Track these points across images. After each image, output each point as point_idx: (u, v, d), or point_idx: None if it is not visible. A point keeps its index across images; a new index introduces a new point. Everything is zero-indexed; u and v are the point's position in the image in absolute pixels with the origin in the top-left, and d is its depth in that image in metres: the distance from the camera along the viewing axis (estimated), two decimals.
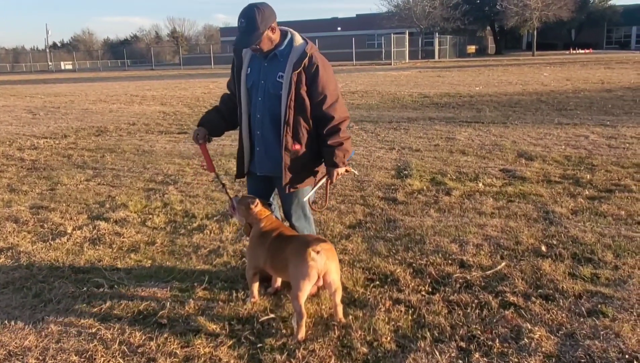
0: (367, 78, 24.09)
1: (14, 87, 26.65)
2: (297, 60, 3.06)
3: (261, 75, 3.17)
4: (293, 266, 2.87)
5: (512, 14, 47.76)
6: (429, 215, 4.87)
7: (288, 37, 3.15)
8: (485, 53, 60.45)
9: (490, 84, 18.30)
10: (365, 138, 8.91)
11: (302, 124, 3.15)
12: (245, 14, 2.99)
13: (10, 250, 4.33)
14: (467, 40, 56.86)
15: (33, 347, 2.89)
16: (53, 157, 8.16)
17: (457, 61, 42.22)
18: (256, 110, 3.22)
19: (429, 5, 48.64)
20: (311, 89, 3.10)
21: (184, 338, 2.93)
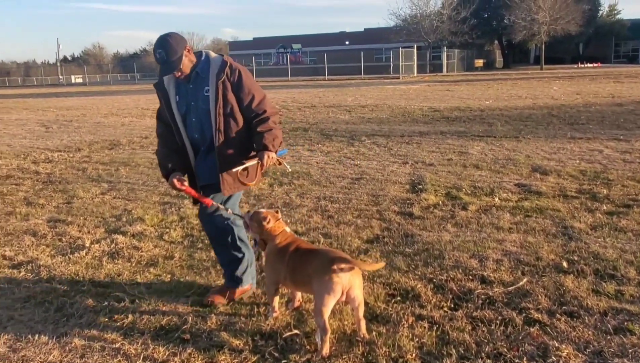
0: (376, 92, 24.16)
1: (26, 101, 26.93)
2: (219, 71, 3.27)
3: (189, 98, 3.35)
4: (317, 281, 2.86)
5: (520, 28, 47.85)
6: (446, 230, 4.86)
7: (203, 55, 3.37)
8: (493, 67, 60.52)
9: (500, 98, 18.30)
10: (377, 152, 8.92)
11: (233, 130, 3.34)
12: (160, 44, 3.19)
13: (30, 263, 4.35)
14: (474, 54, 56.97)
15: (57, 362, 2.89)
16: (68, 170, 8.21)
17: (465, 75, 42.30)
18: (193, 130, 3.39)
19: (437, 19, 48.85)
20: (238, 93, 3.31)
21: (208, 354, 2.93)
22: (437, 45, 50.27)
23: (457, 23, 47.81)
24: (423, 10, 50.43)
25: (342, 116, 14.57)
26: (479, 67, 56.31)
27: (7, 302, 3.66)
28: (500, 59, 63.66)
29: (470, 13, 48.04)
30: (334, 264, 2.82)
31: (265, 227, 3.24)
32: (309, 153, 9.04)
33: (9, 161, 9.14)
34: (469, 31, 48.35)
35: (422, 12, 50.26)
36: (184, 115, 3.36)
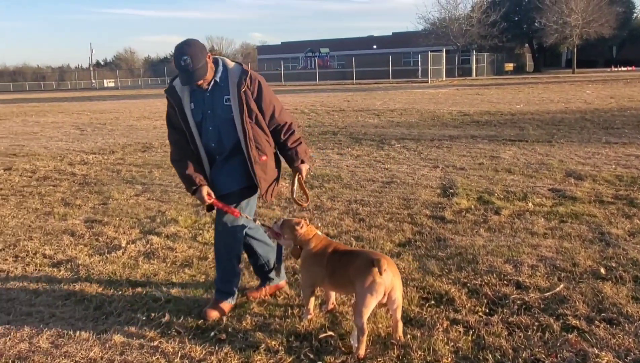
0: (405, 96, 24.07)
1: (61, 104, 27.59)
2: (239, 80, 3.24)
3: (206, 106, 3.28)
4: (360, 283, 2.87)
5: (552, 31, 47.13)
6: (479, 235, 4.82)
7: (220, 63, 3.32)
8: (524, 71, 59.70)
9: (531, 102, 18.05)
10: (408, 156, 8.88)
11: (261, 136, 3.35)
12: (185, 51, 3.10)
13: (69, 262, 4.46)
14: (504, 58, 56.29)
15: (98, 359, 2.97)
16: (103, 172, 8.40)
17: (494, 79, 41.82)
18: (209, 139, 3.33)
19: (466, 23, 48.49)
20: (260, 103, 3.31)
21: (244, 354, 2.96)
22: (466, 49, 49.83)
23: (487, 26, 47.37)
24: (452, 13, 50.17)
25: (371, 120, 14.56)
26: (508, 71, 55.61)
27: (48, 299, 3.76)
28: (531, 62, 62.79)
29: (500, 16, 47.55)
30: (376, 266, 2.83)
31: (299, 232, 3.26)
32: (338, 156, 9.06)
33: (46, 163, 9.38)
34: (499, 34, 47.85)
35: (451, 15, 49.99)
36: (199, 123, 3.30)
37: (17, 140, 12.93)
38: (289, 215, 5.62)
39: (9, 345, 3.13)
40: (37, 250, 4.78)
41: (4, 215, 5.99)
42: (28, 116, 20.76)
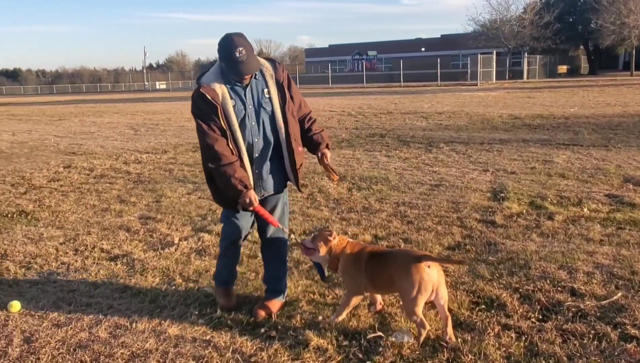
0: (453, 99, 23.73)
1: (116, 105, 28.55)
2: (275, 72, 3.28)
3: (247, 102, 3.22)
4: (408, 282, 2.89)
5: (609, 32, 45.44)
6: (531, 240, 4.71)
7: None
8: (578, 73, 57.79)
9: (586, 106, 17.48)
10: (456, 159, 8.77)
11: (296, 127, 3.40)
12: (240, 43, 3.06)
13: (125, 257, 4.62)
14: (557, 60, 54.65)
15: (153, 350, 3.07)
16: (156, 171, 8.65)
17: (547, 82, 40.68)
18: (252, 135, 3.25)
19: (518, 24, 47.35)
20: (291, 93, 3.36)
21: (294, 351, 3.00)
22: (517, 51, 48.66)
23: (540, 28, 46.10)
24: (503, 15, 49.05)
25: (419, 123, 14.43)
26: (562, 74, 53.97)
27: (106, 291, 3.91)
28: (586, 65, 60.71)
29: (554, 17, 46.19)
30: (421, 262, 2.84)
31: (332, 243, 3.25)
32: (386, 159, 9.03)
33: (102, 161, 9.73)
34: (552, 36, 46.49)
35: (502, 17, 48.89)
36: (241, 120, 3.21)
37: (76, 140, 13.46)
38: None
39: (70, 333, 3.28)
40: (95, 244, 4.98)
41: (65, 211, 6.26)
42: (85, 116, 21.58)
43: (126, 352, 3.05)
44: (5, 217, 6.04)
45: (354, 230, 5.14)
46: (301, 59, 78.14)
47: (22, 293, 3.91)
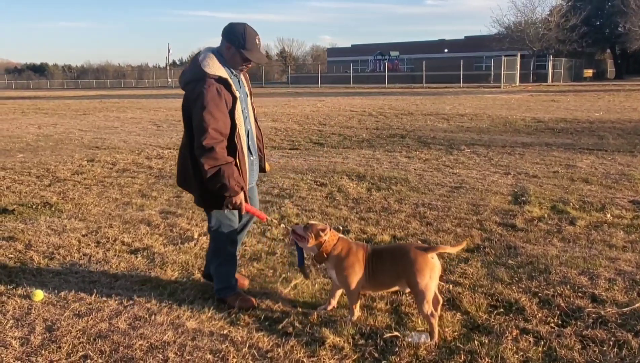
0: (476, 101, 23.53)
1: (140, 101, 28.88)
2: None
3: (242, 90, 3.42)
4: (419, 272, 3.00)
5: (637, 36, 44.66)
6: (552, 244, 4.66)
7: None
8: (604, 77, 56.89)
9: (612, 110, 17.20)
10: (477, 161, 8.70)
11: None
12: (256, 31, 3.25)
13: (145, 250, 4.68)
14: (583, 64, 53.86)
15: (171, 342, 3.10)
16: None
17: (572, 85, 40.12)
18: (249, 123, 3.51)
19: (544, 27, 46.75)
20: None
21: (310, 348, 3.01)
22: (542, 54, 48.06)
23: (566, 31, 45.48)
24: (529, 17, 48.51)
25: (440, 124, 14.35)
26: (587, 77, 53.17)
27: (126, 283, 3.97)
28: (612, 69, 59.74)
29: (581, 20, 45.53)
30: (428, 253, 3.05)
31: (323, 238, 3.25)
32: (406, 160, 8.99)
33: (125, 156, 9.86)
34: (579, 39, 45.84)
35: (527, 19, 48.34)
36: (242, 109, 3.33)
37: (100, 134, 13.66)
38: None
39: (90, 323, 3.33)
40: (117, 237, 5.05)
41: (87, 203, 6.36)
42: (109, 111, 21.87)
43: (145, 343, 3.09)
44: (30, 208, 6.16)
45: (372, 230, 5.13)
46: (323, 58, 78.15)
47: (44, 283, 3.99)
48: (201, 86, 3.10)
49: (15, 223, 5.52)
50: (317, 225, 3.29)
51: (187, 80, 3.24)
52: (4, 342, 3.13)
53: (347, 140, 11.51)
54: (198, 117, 3.08)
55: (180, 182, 3.57)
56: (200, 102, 3.08)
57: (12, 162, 9.35)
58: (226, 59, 3.27)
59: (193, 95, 3.14)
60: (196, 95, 3.10)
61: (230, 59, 3.27)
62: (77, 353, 3.00)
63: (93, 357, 2.96)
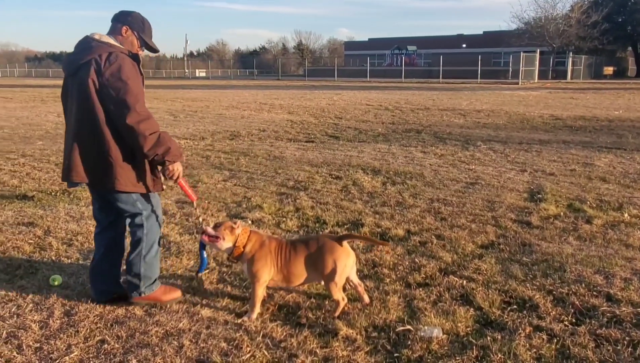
0: (493, 97, 23.34)
1: (157, 91, 29.06)
2: None
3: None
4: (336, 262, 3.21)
5: None
6: (568, 243, 4.63)
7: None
8: (625, 75, 56.02)
9: (632, 109, 16.97)
10: (493, 158, 8.65)
11: None
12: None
13: (161, 239, 4.71)
14: (603, 61, 53.09)
15: (186, 330, 3.15)
16: (193, 157, 8.80)
17: (592, 83, 39.59)
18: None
19: (564, 23, 46.14)
20: None
21: (322, 339, 3.04)
22: (561, 51, 47.46)
23: (587, 27, 44.84)
24: (549, 13, 47.89)
25: (457, 120, 14.27)
26: (607, 75, 52.42)
27: None
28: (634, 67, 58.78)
29: (602, 17, 44.85)
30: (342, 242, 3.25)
31: (236, 231, 3.26)
32: (422, 155, 8.97)
33: None
34: (600, 36, 45.17)
35: (548, 15, 47.73)
36: None
37: None
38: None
39: (108, 309, 3.39)
40: None
41: None
42: None
43: (160, 330, 3.14)
44: (49, 195, 6.26)
45: (386, 224, 5.14)
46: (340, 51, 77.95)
47: (63, 269, 4.06)
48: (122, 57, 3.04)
49: (35, 210, 5.62)
50: (227, 222, 3.32)
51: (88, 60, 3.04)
52: (23, 325, 3.20)
53: (363, 134, 11.51)
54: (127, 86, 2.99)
55: (78, 174, 3.14)
56: (123, 72, 3.00)
57: (32, 150, 9.49)
58: (121, 43, 3.18)
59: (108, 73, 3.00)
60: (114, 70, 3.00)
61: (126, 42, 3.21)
62: (94, 337, 3.06)
63: (110, 342, 3.01)
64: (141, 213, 3.29)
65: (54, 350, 2.94)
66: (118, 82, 2.96)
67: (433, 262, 4.18)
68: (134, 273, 3.32)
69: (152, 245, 3.34)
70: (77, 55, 3.09)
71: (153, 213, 3.35)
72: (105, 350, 2.94)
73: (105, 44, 3.07)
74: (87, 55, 3.02)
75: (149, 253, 3.33)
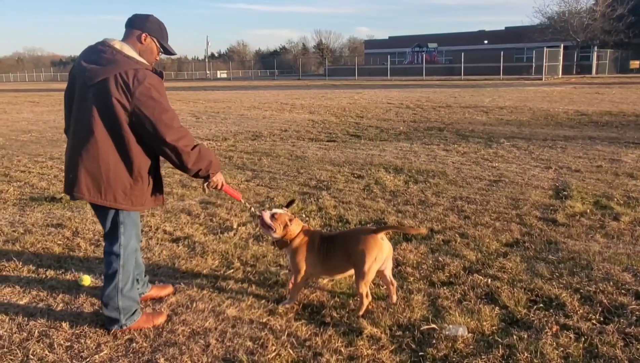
0: (516, 93, 23.06)
1: (179, 93, 29.37)
2: None
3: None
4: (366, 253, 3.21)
5: None
6: (594, 240, 4.56)
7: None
8: None
9: None
10: (517, 155, 8.55)
11: None
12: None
13: (186, 239, 4.80)
14: (630, 55, 51.98)
15: (212, 329, 3.19)
16: None
17: (618, 77, 38.85)
18: None
19: (589, 16, 45.35)
20: None
21: (347, 338, 3.05)
22: (586, 45, 46.65)
23: (612, 21, 44.02)
24: (573, 7, 47.15)
25: (479, 117, 14.14)
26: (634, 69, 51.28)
27: (169, 271, 4.08)
28: None
29: (628, 10, 43.98)
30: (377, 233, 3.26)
31: (290, 228, 3.37)
32: (444, 153, 8.91)
33: None
34: (625, 29, 44.30)
35: (571, 9, 46.98)
36: None
37: None
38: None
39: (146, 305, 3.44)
40: (159, 226, 5.18)
41: None
42: None
43: (187, 329, 3.19)
44: None
45: (409, 222, 5.13)
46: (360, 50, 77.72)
47: (91, 269, 4.14)
48: (152, 77, 2.94)
49: (63, 211, 5.73)
50: (284, 215, 3.40)
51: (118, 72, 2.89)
52: (54, 324, 3.27)
53: (384, 133, 11.48)
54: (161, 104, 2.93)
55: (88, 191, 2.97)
56: (155, 92, 2.91)
57: (59, 152, 9.67)
58: (141, 51, 3.06)
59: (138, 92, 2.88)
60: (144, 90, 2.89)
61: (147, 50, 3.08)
62: (123, 336, 3.11)
63: (138, 340, 3.06)
64: (117, 238, 3.11)
65: (84, 349, 3.00)
66: (151, 101, 2.87)
67: (457, 260, 4.16)
68: (111, 307, 3.12)
69: (128, 277, 3.15)
70: (102, 65, 2.88)
71: (129, 234, 3.15)
72: (134, 348, 3.00)
73: (131, 59, 2.92)
74: (113, 68, 2.85)
75: (125, 286, 3.13)
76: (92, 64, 2.90)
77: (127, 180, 3.00)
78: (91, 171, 2.93)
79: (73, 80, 3.02)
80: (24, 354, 2.96)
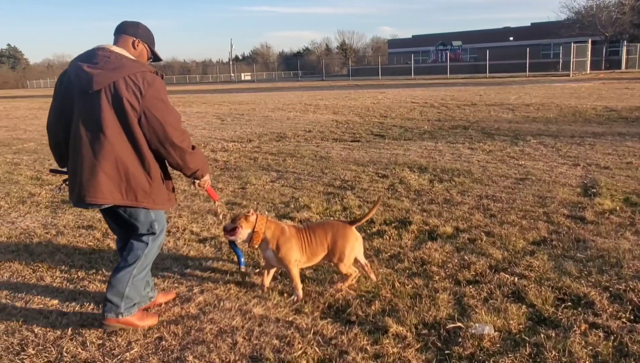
0: (543, 90, 22.71)
1: (204, 96, 29.70)
2: None
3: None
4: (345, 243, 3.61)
5: None
6: (624, 238, 4.49)
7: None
8: None
9: None
10: (544, 152, 8.44)
11: None
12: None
13: (213, 240, 4.87)
14: None
15: (239, 327, 3.24)
16: (241, 159, 8.97)
17: None
18: None
19: (617, 10, 44.39)
20: None
21: (373, 336, 3.06)
22: (615, 40, 45.67)
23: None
24: (601, 1, 46.16)
25: (505, 115, 13.98)
26: None
27: (196, 271, 4.15)
28: None
29: None
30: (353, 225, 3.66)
31: (251, 218, 3.55)
32: (469, 151, 8.84)
33: None
34: None
35: (599, 3, 46.03)
36: None
37: None
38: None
39: (164, 308, 3.52)
40: (186, 227, 5.27)
41: None
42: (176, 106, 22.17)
43: (214, 327, 3.24)
44: None
45: (434, 221, 5.11)
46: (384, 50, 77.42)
47: None
48: (156, 79, 3.00)
49: (93, 213, 5.86)
50: (241, 212, 3.55)
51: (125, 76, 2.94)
52: (86, 323, 3.36)
53: (409, 132, 11.43)
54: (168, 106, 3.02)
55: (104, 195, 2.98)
56: (162, 93, 3.01)
57: None
58: (134, 57, 3.10)
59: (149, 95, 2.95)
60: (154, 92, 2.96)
61: (139, 55, 3.15)
62: (152, 335, 3.18)
63: (167, 339, 3.13)
64: (154, 233, 3.23)
65: (116, 347, 3.08)
66: (160, 103, 2.95)
67: (483, 259, 4.14)
68: (117, 291, 3.15)
69: (145, 267, 3.22)
70: (109, 69, 2.89)
71: (161, 231, 3.28)
72: (163, 346, 3.06)
73: (137, 62, 2.98)
74: (122, 71, 2.89)
75: (139, 274, 3.20)
76: (97, 69, 2.90)
77: (146, 179, 3.06)
78: (110, 174, 2.95)
79: (69, 85, 3.00)
80: (58, 352, 3.04)
